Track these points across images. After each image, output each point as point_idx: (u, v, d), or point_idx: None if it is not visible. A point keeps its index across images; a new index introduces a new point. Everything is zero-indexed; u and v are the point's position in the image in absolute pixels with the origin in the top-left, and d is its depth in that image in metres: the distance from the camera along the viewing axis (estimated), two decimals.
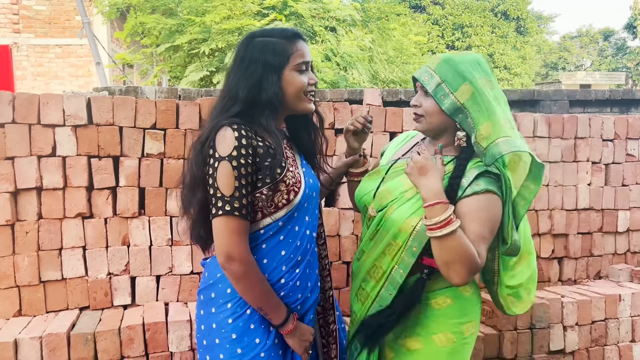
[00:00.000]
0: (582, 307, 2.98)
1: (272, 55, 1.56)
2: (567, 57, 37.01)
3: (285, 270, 1.59)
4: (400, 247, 1.63)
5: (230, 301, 1.58)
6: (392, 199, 1.68)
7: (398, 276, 1.65)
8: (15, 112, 2.48)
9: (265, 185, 1.52)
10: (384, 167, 1.83)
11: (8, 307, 2.50)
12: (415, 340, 1.69)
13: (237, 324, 1.56)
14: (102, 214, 2.61)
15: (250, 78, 1.56)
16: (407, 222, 1.62)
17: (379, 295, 1.70)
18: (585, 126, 3.35)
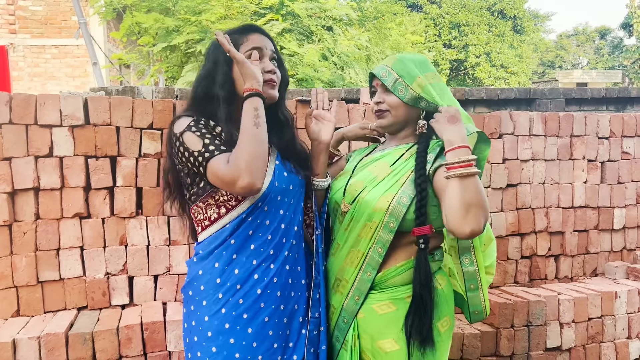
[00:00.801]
0: (579, 304, 2.99)
1: (222, 52, 1.58)
2: (564, 55, 37.10)
3: (256, 264, 1.56)
4: (377, 225, 1.65)
5: (206, 298, 1.57)
6: (363, 187, 1.72)
7: (377, 255, 1.66)
8: (12, 112, 2.48)
9: None
10: (350, 166, 1.88)
11: (6, 307, 2.50)
12: (390, 341, 1.67)
13: (212, 322, 1.55)
14: (99, 214, 2.62)
15: (205, 73, 1.62)
16: (382, 199, 1.65)
17: (357, 279, 1.69)
18: (581, 124, 3.37)
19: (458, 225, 1.50)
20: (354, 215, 1.70)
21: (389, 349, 1.66)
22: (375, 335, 1.68)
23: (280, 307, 1.61)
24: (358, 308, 1.69)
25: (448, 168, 1.54)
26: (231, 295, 1.55)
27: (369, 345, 1.69)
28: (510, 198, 3.22)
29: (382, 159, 1.79)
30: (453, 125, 1.58)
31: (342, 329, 1.73)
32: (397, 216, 1.63)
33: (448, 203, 1.53)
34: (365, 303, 1.69)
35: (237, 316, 1.55)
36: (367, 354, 1.70)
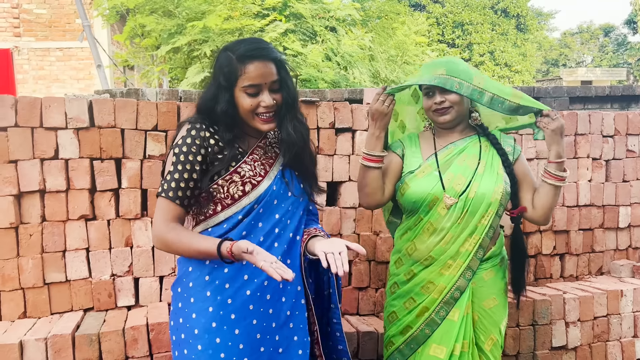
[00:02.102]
0: (584, 303, 2.99)
1: (223, 76, 1.61)
2: (568, 53, 36.98)
3: (246, 264, 1.57)
4: (492, 213, 1.96)
5: (194, 295, 1.59)
6: (469, 180, 1.96)
7: (488, 237, 1.99)
8: (17, 115, 2.49)
9: (220, 176, 1.60)
10: (432, 162, 2.04)
11: (13, 309, 2.52)
12: (492, 299, 2.04)
13: (199, 320, 1.57)
14: (105, 216, 2.63)
15: (210, 95, 1.65)
16: (496, 190, 1.95)
17: (471, 259, 1.97)
18: (585, 122, 3.36)
19: (546, 219, 2.03)
20: (469, 208, 1.95)
21: (490, 305, 2.03)
22: (482, 297, 2.02)
23: (270, 310, 1.61)
24: (468, 282, 1.99)
25: (550, 175, 1.93)
26: (219, 294, 1.57)
27: (477, 307, 2.02)
28: None
29: (465, 151, 2.03)
30: (562, 139, 1.90)
31: (449, 303, 1.99)
32: (505, 203, 2.00)
33: (542, 203, 1.97)
34: (476, 274, 2.01)
35: (224, 315, 1.56)
36: (475, 313, 2.02)
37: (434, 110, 2.00)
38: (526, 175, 2.04)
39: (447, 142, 2.06)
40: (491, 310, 2.04)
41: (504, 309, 2.09)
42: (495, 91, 1.90)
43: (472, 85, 1.91)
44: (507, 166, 1.99)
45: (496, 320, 2.05)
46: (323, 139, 2.92)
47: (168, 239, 1.56)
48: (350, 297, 2.94)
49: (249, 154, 1.66)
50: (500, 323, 2.06)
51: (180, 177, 1.56)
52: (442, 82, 1.92)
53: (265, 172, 1.65)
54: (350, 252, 1.58)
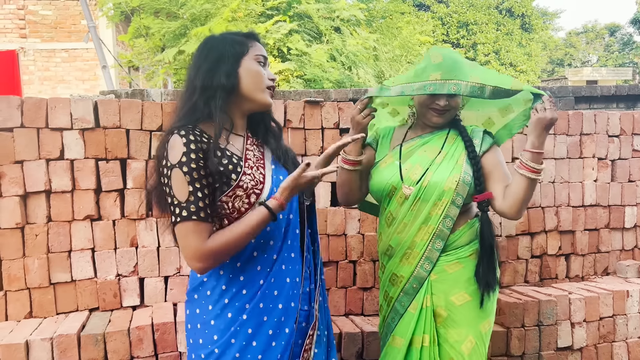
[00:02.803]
0: (590, 303, 2.97)
1: (231, 45, 1.57)
2: (573, 53, 36.85)
3: (260, 270, 1.58)
4: (447, 203, 1.89)
5: (211, 303, 1.58)
6: (425, 168, 1.92)
7: (445, 228, 1.91)
8: (23, 116, 2.51)
9: (223, 193, 1.51)
10: (394, 152, 2.02)
11: (19, 309, 2.53)
12: (462, 294, 1.93)
13: (218, 326, 1.57)
14: (110, 216, 2.64)
15: (207, 65, 1.56)
16: (450, 179, 1.89)
17: (427, 249, 1.92)
18: (591, 122, 3.35)
19: (515, 212, 1.87)
20: (421, 196, 1.91)
21: (461, 301, 1.92)
22: (448, 291, 1.93)
23: (279, 305, 1.61)
24: (427, 274, 1.93)
25: (524, 166, 1.80)
26: (237, 301, 1.57)
27: (442, 301, 1.93)
28: None
29: (428, 143, 2.00)
30: (544, 131, 1.79)
31: (409, 293, 1.95)
32: (463, 193, 1.90)
33: (513, 194, 1.84)
34: (436, 266, 1.93)
35: (240, 319, 1.56)
36: (441, 309, 1.93)
37: (433, 109, 1.96)
38: (497, 166, 1.94)
39: (416, 134, 2.05)
40: (463, 307, 1.92)
41: (483, 309, 1.94)
42: (495, 83, 1.84)
43: (470, 82, 1.85)
44: (472, 157, 1.93)
45: (472, 320, 1.92)
46: (327, 139, 2.92)
47: (216, 246, 1.47)
48: (355, 297, 2.94)
49: (244, 160, 1.59)
50: (478, 323, 1.93)
51: (202, 195, 1.47)
52: (437, 88, 1.87)
53: (263, 177, 1.60)
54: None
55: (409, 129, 2.09)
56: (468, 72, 1.88)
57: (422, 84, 1.90)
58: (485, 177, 1.94)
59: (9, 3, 11.54)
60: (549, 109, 1.76)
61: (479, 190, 1.92)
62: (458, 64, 1.90)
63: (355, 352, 2.60)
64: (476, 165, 1.91)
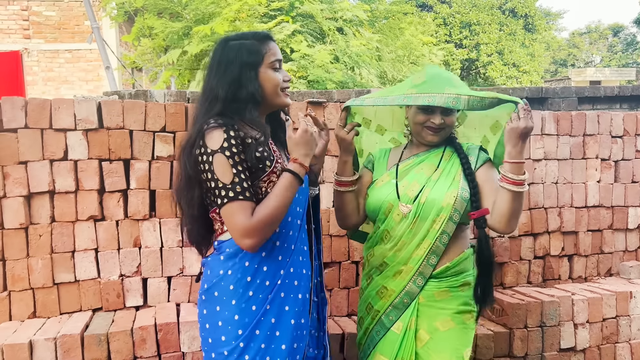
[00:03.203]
0: (593, 304, 2.97)
1: (248, 55, 1.65)
2: (577, 53, 36.78)
3: (281, 260, 1.66)
4: (444, 218, 1.87)
5: (234, 297, 1.61)
6: (422, 185, 1.92)
7: (441, 244, 1.89)
8: (27, 117, 2.52)
9: (258, 178, 1.60)
10: (391, 172, 2.02)
11: (23, 309, 2.54)
12: (446, 320, 1.90)
13: (242, 320, 1.60)
14: (113, 217, 2.65)
15: (229, 77, 1.64)
16: (448, 195, 1.88)
17: (422, 265, 1.90)
18: (594, 123, 3.34)
19: (504, 227, 1.83)
20: (420, 214, 1.89)
21: (445, 327, 1.90)
22: (433, 317, 1.91)
23: (299, 295, 1.67)
24: (419, 290, 1.91)
25: (504, 179, 1.77)
26: (261, 292, 1.61)
27: (426, 324, 1.91)
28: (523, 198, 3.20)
29: (425, 161, 1.99)
30: (520, 141, 1.75)
31: (399, 308, 1.93)
32: (460, 209, 1.87)
33: (498, 208, 1.81)
34: (425, 289, 1.91)
35: (264, 310, 1.61)
36: (424, 332, 1.90)
37: (428, 127, 1.95)
38: (487, 181, 1.90)
39: (412, 153, 2.04)
40: (447, 333, 1.89)
41: (466, 336, 1.92)
42: (468, 93, 1.83)
43: (444, 94, 1.83)
44: (468, 174, 1.91)
45: (455, 346, 1.89)
46: (330, 140, 2.91)
47: (261, 218, 1.53)
48: (358, 298, 2.93)
49: (276, 150, 1.70)
50: (461, 350, 1.90)
51: (245, 176, 1.55)
52: (412, 100, 1.88)
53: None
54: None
55: (405, 149, 2.08)
56: (443, 85, 1.86)
57: (397, 96, 1.92)
58: (480, 189, 1.92)
59: (13, 4, 11.59)
60: (522, 118, 1.72)
61: (475, 206, 1.89)
62: (435, 80, 1.89)
63: (357, 353, 2.60)
64: (472, 180, 1.90)
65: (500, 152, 2.03)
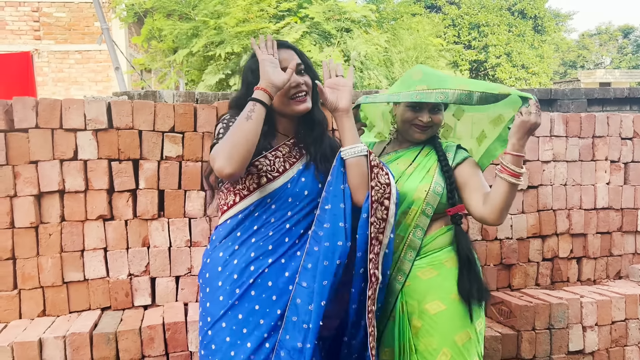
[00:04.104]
0: (602, 307, 2.95)
1: (251, 75, 1.74)
2: (586, 55, 36.56)
3: (254, 257, 1.67)
4: (416, 212, 1.88)
5: (209, 286, 1.70)
6: (395, 180, 1.85)
7: (416, 238, 1.89)
8: (38, 117, 2.54)
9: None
10: None
11: (33, 307, 2.56)
12: (436, 303, 1.86)
13: (213, 308, 1.67)
14: (122, 216, 2.67)
15: (239, 92, 1.78)
16: (420, 188, 1.88)
17: (399, 261, 1.88)
18: (604, 125, 3.33)
19: (496, 218, 1.81)
20: None
21: (435, 310, 1.85)
22: (421, 299, 1.87)
23: (272, 297, 1.66)
24: (401, 287, 1.88)
25: (504, 169, 1.76)
26: (229, 284, 1.66)
27: (415, 309, 1.87)
28: (532, 200, 3.20)
29: (402, 157, 1.99)
30: (525, 135, 1.76)
31: (385, 308, 1.89)
32: (433, 203, 1.88)
33: (493, 199, 1.80)
34: (409, 274, 1.89)
35: (231, 304, 1.65)
36: (415, 317, 1.87)
37: (415, 125, 1.96)
38: (472, 177, 1.91)
39: (393, 149, 2.05)
40: (437, 316, 1.84)
41: (459, 319, 1.85)
42: (482, 89, 1.82)
43: (457, 90, 1.82)
44: (444, 169, 1.91)
45: (446, 331, 1.83)
46: None
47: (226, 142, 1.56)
48: None
49: (273, 149, 1.72)
50: (453, 334, 1.83)
51: None
52: (424, 97, 1.86)
53: (283, 170, 1.71)
54: None
55: (388, 144, 2.10)
56: (453, 81, 1.87)
57: (409, 93, 1.89)
58: (461, 188, 1.92)
59: (24, 5, 11.68)
60: (534, 113, 1.73)
61: (451, 203, 1.90)
62: (441, 76, 1.91)
63: None
64: (449, 176, 1.90)
65: (494, 148, 2.07)
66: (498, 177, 1.79)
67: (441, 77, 1.90)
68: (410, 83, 1.93)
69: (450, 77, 1.93)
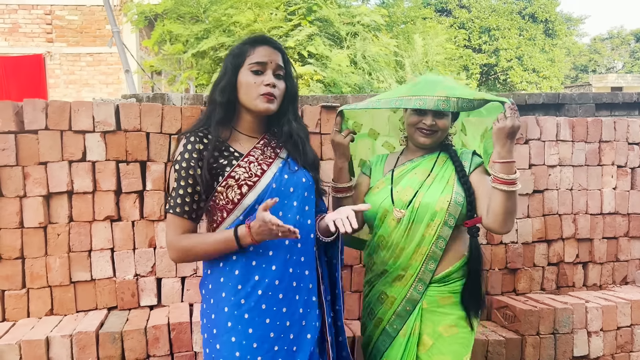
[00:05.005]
0: (607, 312, 2.94)
1: (231, 59, 1.69)
2: (598, 59, 36.28)
3: (255, 265, 1.61)
4: (439, 223, 1.88)
5: (213, 297, 1.66)
6: (415, 190, 1.91)
7: (438, 249, 1.90)
8: (48, 119, 2.58)
9: (218, 184, 1.62)
10: (386, 178, 2.01)
11: (40, 306, 2.60)
12: (450, 327, 1.91)
13: (218, 319, 1.63)
14: (129, 217, 2.70)
15: (217, 79, 1.72)
16: (441, 199, 1.88)
17: (420, 271, 1.91)
18: (610, 129, 3.32)
19: (499, 227, 1.80)
20: (414, 218, 1.90)
21: (449, 332, 1.91)
22: (437, 322, 1.91)
23: (283, 309, 1.62)
24: (421, 296, 1.92)
25: (495, 180, 1.75)
26: (233, 295, 1.61)
27: (430, 329, 1.91)
28: (537, 204, 3.19)
29: (418, 167, 1.99)
30: (507, 140, 1.73)
31: (402, 316, 1.93)
32: (455, 213, 1.88)
33: (492, 208, 1.79)
34: (428, 294, 1.92)
35: (238, 316, 1.60)
36: (427, 337, 1.91)
37: (420, 129, 1.96)
38: (481, 183, 1.90)
39: (408, 159, 2.04)
40: (450, 338, 1.91)
41: (467, 342, 1.94)
42: (458, 94, 1.81)
43: (435, 96, 1.83)
44: (462, 179, 1.91)
45: (457, 351, 1.91)
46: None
47: (183, 245, 1.61)
48: None
49: (245, 156, 1.66)
50: (462, 356, 1.92)
51: (184, 192, 1.60)
52: (403, 103, 1.87)
53: (262, 172, 1.64)
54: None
55: (401, 154, 2.09)
56: (435, 88, 1.86)
57: (389, 99, 1.92)
58: (475, 193, 1.92)
59: (37, 8, 11.82)
60: (509, 117, 1.70)
61: (470, 214, 1.90)
62: (428, 83, 1.90)
63: None
64: (467, 186, 1.90)
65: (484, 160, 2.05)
66: (492, 188, 1.78)
67: (431, 84, 1.90)
68: (397, 90, 1.97)
69: (443, 83, 1.91)
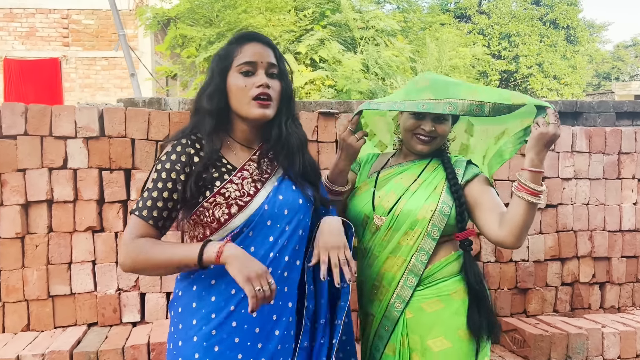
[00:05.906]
0: (626, 338, 2.72)
1: (217, 62, 1.50)
2: (621, 66, 35.60)
3: (234, 293, 1.42)
4: (420, 233, 1.69)
5: (182, 322, 1.46)
6: (398, 196, 1.73)
7: (419, 262, 1.69)
8: (27, 123, 2.46)
9: (205, 199, 1.43)
10: (370, 180, 1.84)
11: (16, 321, 2.47)
12: (440, 340, 1.68)
13: (185, 348, 1.43)
14: (112, 228, 2.56)
15: (203, 85, 1.53)
16: (425, 207, 1.69)
17: (399, 286, 1.70)
18: (631, 140, 3.10)
19: (514, 240, 1.61)
20: (392, 226, 1.71)
21: (439, 347, 1.67)
22: (424, 334, 1.68)
23: (258, 345, 1.44)
24: (400, 314, 1.70)
25: (522, 187, 1.58)
26: (205, 324, 1.42)
27: (417, 345, 1.69)
28: (550, 219, 2.98)
29: (406, 171, 1.81)
30: (544, 148, 1.58)
31: (382, 336, 1.73)
32: (440, 224, 1.69)
33: (510, 220, 1.60)
34: (412, 302, 1.70)
35: (208, 347, 1.41)
36: (416, 353, 1.69)
37: (417, 134, 1.78)
38: (484, 194, 1.72)
39: (397, 162, 1.86)
40: (441, 354, 1.66)
41: (465, 357, 1.68)
42: (495, 99, 1.63)
43: (467, 100, 1.65)
44: (453, 187, 1.72)
45: None
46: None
47: (137, 244, 1.39)
48: None
49: (238, 170, 1.48)
50: None
51: (158, 195, 1.40)
52: (431, 107, 1.67)
53: (255, 191, 1.47)
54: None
55: (392, 157, 1.92)
56: (463, 90, 1.67)
57: (415, 102, 1.70)
58: (473, 208, 1.72)
59: (54, 12, 11.91)
60: (552, 124, 1.54)
61: (460, 226, 1.71)
62: (449, 84, 1.72)
63: None
64: (458, 196, 1.71)
65: (492, 164, 1.89)
66: (515, 195, 1.59)
67: (450, 85, 1.71)
68: (416, 91, 1.74)
69: (460, 84, 1.73)
